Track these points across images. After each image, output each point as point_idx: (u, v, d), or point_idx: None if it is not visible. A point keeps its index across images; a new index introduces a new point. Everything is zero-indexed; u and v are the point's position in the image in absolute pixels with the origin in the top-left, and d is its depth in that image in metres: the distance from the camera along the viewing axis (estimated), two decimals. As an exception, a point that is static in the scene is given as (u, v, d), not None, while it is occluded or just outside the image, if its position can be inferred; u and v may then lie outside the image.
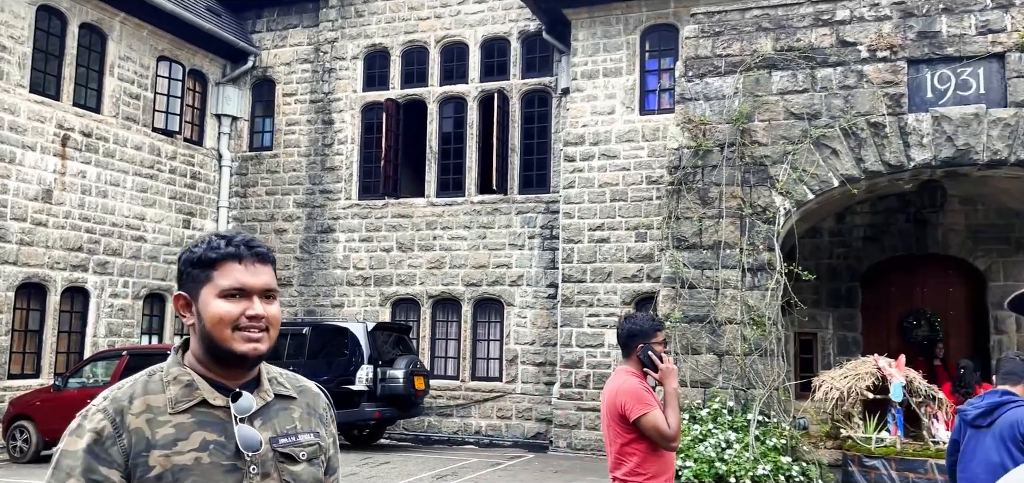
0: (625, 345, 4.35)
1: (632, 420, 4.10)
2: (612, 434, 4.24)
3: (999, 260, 13.02)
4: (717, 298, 9.40)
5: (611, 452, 4.27)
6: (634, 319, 4.43)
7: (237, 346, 1.87)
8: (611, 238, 15.21)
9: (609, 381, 4.41)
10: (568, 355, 15.35)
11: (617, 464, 4.20)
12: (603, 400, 4.37)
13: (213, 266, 1.89)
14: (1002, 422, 4.38)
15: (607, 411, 4.28)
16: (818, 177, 9.23)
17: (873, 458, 8.64)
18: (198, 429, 1.81)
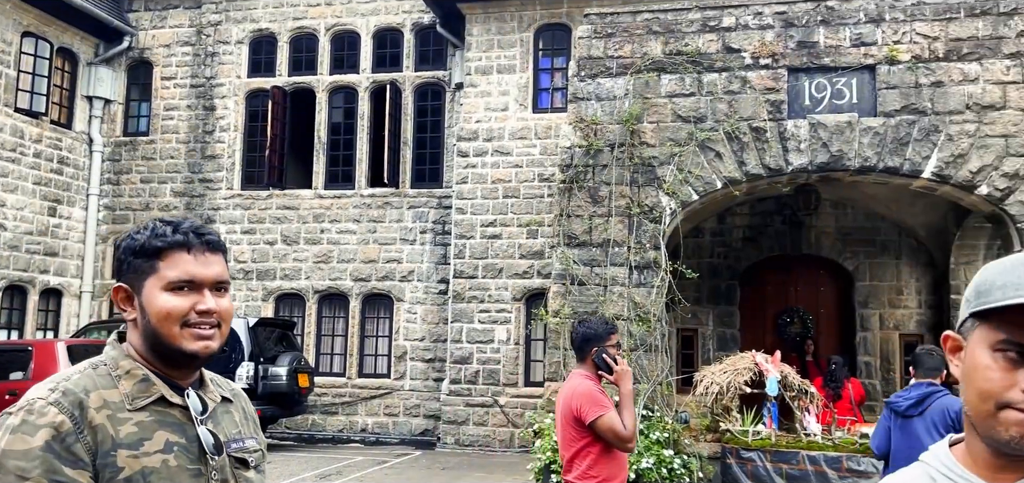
0: (579, 349, 4.38)
1: (588, 422, 4.11)
2: (567, 437, 4.24)
3: (866, 261, 13.82)
4: (605, 295, 9.55)
5: (565, 455, 4.27)
6: (588, 323, 4.45)
7: (186, 344, 1.71)
8: (503, 235, 15.23)
9: (564, 384, 4.43)
10: (458, 351, 15.28)
11: (571, 466, 4.21)
12: (558, 403, 4.39)
13: (158, 256, 1.73)
14: (933, 409, 5.00)
15: (562, 414, 4.29)
16: (703, 179, 9.51)
17: (750, 450, 8.97)
18: (160, 428, 1.67)
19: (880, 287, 13.76)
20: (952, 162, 8.80)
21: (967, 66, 8.77)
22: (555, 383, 9.61)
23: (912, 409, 5.13)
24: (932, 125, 8.87)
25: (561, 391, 4.41)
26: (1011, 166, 8.64)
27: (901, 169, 8.95)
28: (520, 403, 14.68)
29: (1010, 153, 8.65)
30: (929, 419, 5.01)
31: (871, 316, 13.79)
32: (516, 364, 15.03)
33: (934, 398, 5.08)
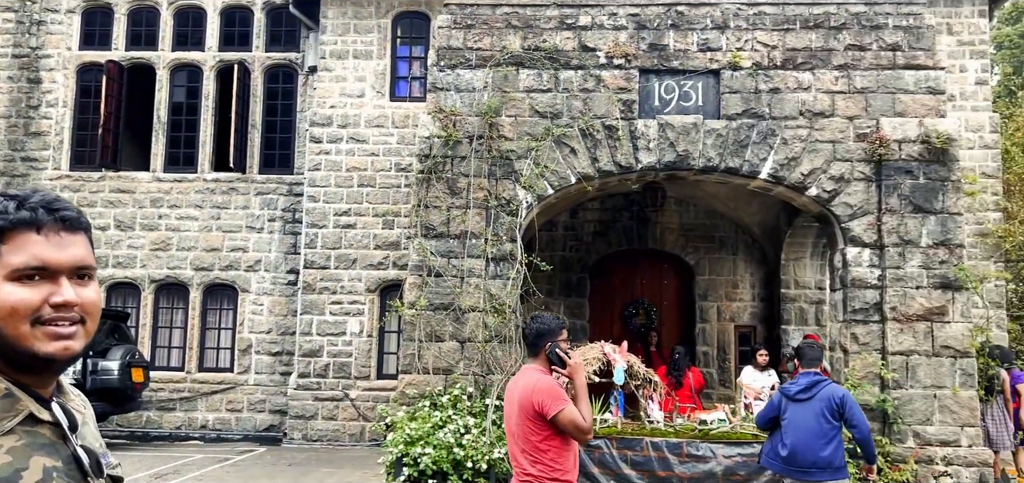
0: (533, 344, 4.41)
1: (550, 416, 4.13)
2: (525, 431, 4.22)
3: (706, 256, 14.58)
4: (462, 286, 9.54)
5: (523, 449, 4.24)
6: (542, 319, 4.47)
7: (40, 346, 1.42)
8: (358, 224, 14.92)
9: (519, 380, 4.38)
10: (307, 344, 14.83)
11: (534, 460, 4.19)
12: (513, 398, 4.36)
13: (0, 238, 1.43)
14: (821, 395, 6.13)
15: (520, 409, 4.26)
16: (558, 173, 9.69)
17: (597, 438, 9.24)
18: (34, 453, 1.38)
19: (718, 281, 14.56)
20: (786, 164, 9.42)
21: (801, 75, 9.41)
22: (410, 375, 9.52)
23: (801, 394, 6.20)
24: (769, 129, 9.46)
25: (517, 386, 4.37)
26: (837, 170, 9.35)
27: (741, 170, 9.49)
28: (372, 396, 14.45)
29: (837, 158, 9.37)
30: (817, 403, 6.11)
31: (709, 308, 14.57)
32: (369, 357, 14.77)
33: (822, 386, 6.17)
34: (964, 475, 8.82)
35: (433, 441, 8.62)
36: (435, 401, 9.29)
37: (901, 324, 9.07)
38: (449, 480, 8.55)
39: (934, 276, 9.10)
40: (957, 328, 9.04)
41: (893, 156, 9.25)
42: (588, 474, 9.20)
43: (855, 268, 9.29)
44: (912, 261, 9.13)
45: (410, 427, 8.83)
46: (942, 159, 9.20)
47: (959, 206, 9.20)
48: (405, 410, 9.27)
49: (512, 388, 4.45)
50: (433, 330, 9.52)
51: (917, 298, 9.08)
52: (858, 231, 9.32)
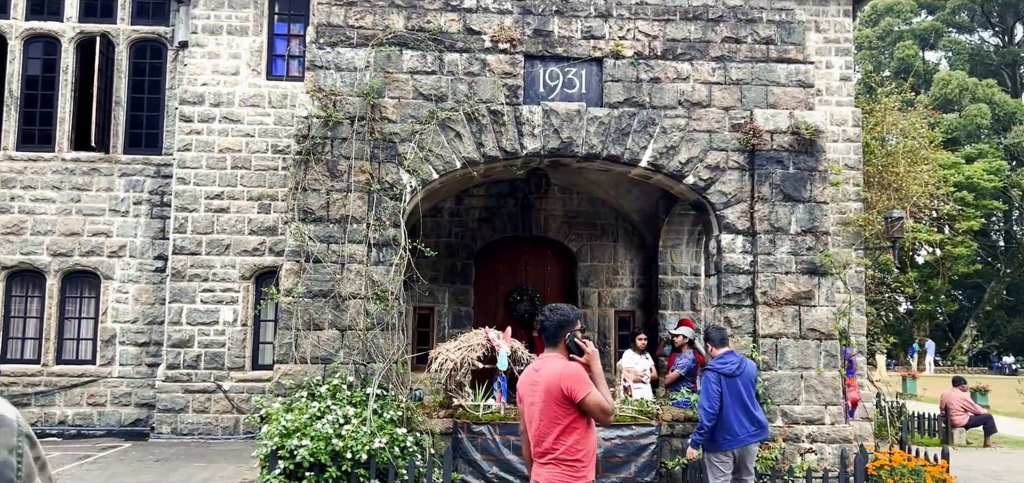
0: (554, 334, 4.60)
1: (578, 400, 4.38)
2: (551, 415, 4.44)
3: (587, 243, 14.78)
4: (342, 273, 9.25)
5: (547, 434, 4.45)
6: (560, 309, 4.70)
7: None
8: (231, 208, 14.26)
9: (541, 368, 4.55)
10: (177, 334, 14.08)
11: (557, 444, 4.43)
12: (537, 385, 4.53)
13: None
14: (746, 372, 7.40)
15: (547, 394, 4.45)
16: (443, 158, 9.53)
17: (480, 424, 9.18)
18: None
19: (599, 267, 14.79)
20: (665, 153, 9.61)
21: (681, 65, 9.62)
22: (286, 365, 9.16)
23: (737, 371, 7.28)
24: (649, 118, 9.62)
25: (535, 375, 4.58)
26: (713, 159, 9.63)
27: (622, 157, 9.61)
28: (247, 388, 13.88)
29: (713, 147, 9.64)
30: (744, 378, 7.31)
31: (591, 294, 14.79)
32: (243, 347, 14.18)
33: (744, 363, 7.46)
34: (827, 451, 9.29)
35: (310, 432, 8.32)
36: (313, 391, 8.97)
37: (771, 308, 9.44)
38: (327, 472, 8.28)
39: (802, 262, 9.52)
40: (822, 311, 9.49)
41: (765, 146, 9.60)
42: (471, 461, 9.14)
43: (729, 254, 9.60)
44: (782, 247, 9.52)
45: (286, 418, 8.49)
46: (810, 150, 9.62)
47: (825, 195, 9.66)
48: (281, 401, 8.92)
49: (533, 376, 4.62)
50: (311, 318, 9.19)
51: (786, 283, 9.47)
52: (732, 218, 9.63)
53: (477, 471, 9.15)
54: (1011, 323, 45.84)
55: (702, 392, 7.32)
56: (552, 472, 4.47)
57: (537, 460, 4.56)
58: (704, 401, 7.19)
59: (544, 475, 4.51)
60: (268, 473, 8.31)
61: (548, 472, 4.49)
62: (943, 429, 15.58)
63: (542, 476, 4.52)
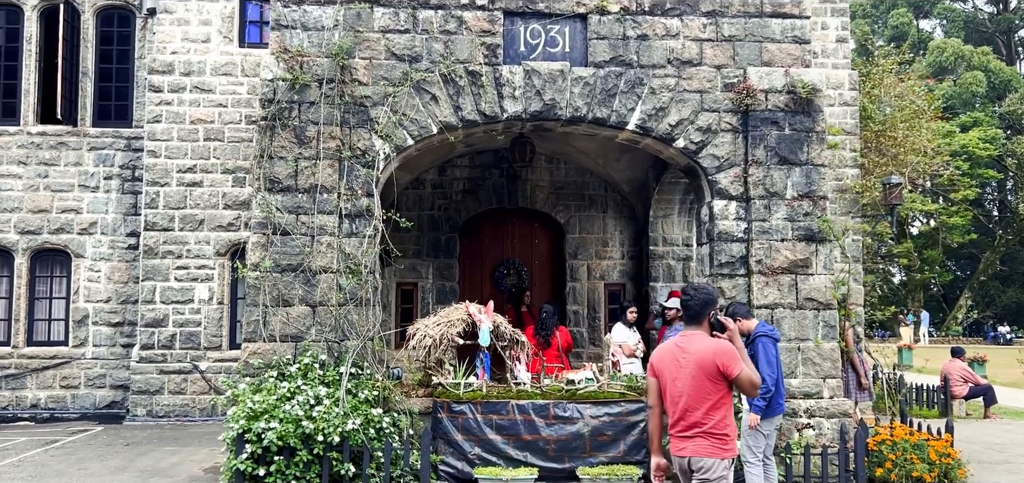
0: (699, 313, 4.84)
1: (734, 376, 4.68)
2: (702, 390, 4.69)
3: (576, 214, 14.28)
4: (312, 245, 8.73)
5: (696, 408, 4.70)
6: (705, 289, 4.95)
7: None
8: (205, 182, 13.70)
9: (689, 345, 4.77)
10: (151, 313, 13.56)
11: (707, 418, 4.69)
12: (687, 362, 4.74)
13: None
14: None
15: (700, 370, 4.70)
16: (418, 122, 8.99)
17: (461, 403, 8.72)
18: None
19: (588, 239, 14.30)
20: (654, 115, 9.09)
21: (669, 21, 9.07)
22: (255, 344, 8.66)
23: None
24: (637, 78, 9.09)
25: (682, 352, 4.77)
26: (705, 120, 9.10)
27: (608, 120, 9.09)
28: (225, 367, 13.39)
29: (704, 108, 9.12)
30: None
31: (580, 267, 14.30)
32: (220, 325, 13.67)
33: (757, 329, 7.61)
34: (825, 426, 8.85)
35: (279, 414, 7.83)
36: (283, 371, 8.48)
37: (767, 277, 8.97)
38: (297, 456, 7.81)
39: (799, 228, 9.04)
40: (820, 280, 9.02)
41: (760, 106, 9.09)
42: (451, 441, 8.68)
43: (722, 221, 9.11)
44: (777, 213, 9.03)
45: (253, 400, 8.00)
46: (807, 110, 9.10)
47: (823, 157, 9.16)
48: (249, 382, 8.42)
49: (676, 352, 4.81)
50: (280, 294, 8.68)
51: (782, 251, 8.99)
52: (725, 183, 9.13)
53: (458, 452, 8.69)
54: (1006, 293, 45.58)
55: (762, 358, 7.29)
56: (700, 444, 4.71)
57: (679, 433, 4.78)
58: (765, 367, 7.20)
59: (690, 448, 4.73)
60: (234, 458, 7.84)
61: (696, 445, 4.71)
62: (942, 401, 15.20)
63: (688, 449, 4.74)
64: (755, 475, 7.46)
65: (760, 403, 7.32)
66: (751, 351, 7.48)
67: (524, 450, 8.70)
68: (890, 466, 8.85)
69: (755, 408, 7.32)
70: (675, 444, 4.81)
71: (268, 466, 7.80)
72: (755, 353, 7.40)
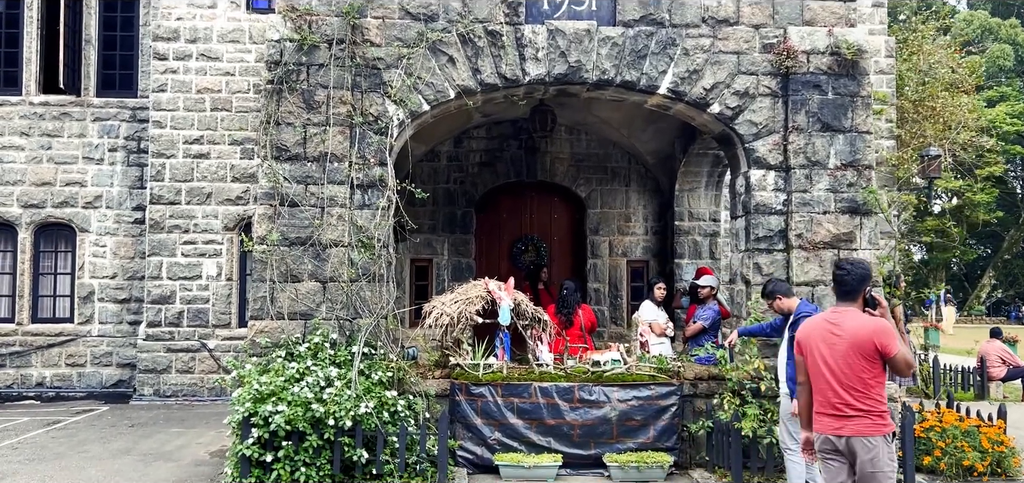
0: (855, 289, 4.78)
1: (892, 355, 4.61)
2: (858, 369, 4.64)
3: (597, 188, 13.68)
4: (322, 218, 8.20)
5: (851, 387, 4.65)
6: (861, 264, 4.88)
7: None
8: (212, 153, 13.20)
9: (844, 321, 4.71)
10: (157, 289, 13.12)
11: (864, 398, 4.64)
12: (841, 339, 4.68)
13: None
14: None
15: (855, 348, 4.64)
16: (434, 86, 8.42)
17: (480, 385, 8.20)
18: None
19: (610, 214, 13.71)
20: (687, 78, 8.48)
21: (705, -25, 8.44)
22: (261, 321, 8.17)
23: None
24: (669, 38, 8.47)
25: (835, 328, 4.71)
26: (742, 84, 8.48)
27: (638, 84, 8.48)
28: (234, 346, 12.94)
29: (741, 71, 8.49)
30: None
31: (601, 243, 13.73)
32: (229, 302, 13.22)
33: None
34: (868, 411, 8.27)
35: (287, 397, 7.34)
36: (292, 351, 7.98)
37: (807, 252, 8.37)
38: (307, 440, 7.32)
39: (842, 200, 8.43)
40: (865, 255, 8.41)
41: (801, 69, 8.45)
42: (470, 426, 8.18)
43: (759, 192, 8.50)
44: (819, 184, 8.42)
45: (260, 381, 7.51)
46: (852, 72, 8.46)
47: (868, 124, 8.53)
48: (255, 362, 7.93)
49: (828, 328, 4.75)
50: (289, 269, 8.17)
51: (824, 224, 8.39)
52: (763, 152, 8.51)
53: (477, 437, 8.18)
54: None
55: None
56: (861, 424, 4.64)
57: (833, 413, 4.71)
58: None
59: (850, 427, 4.65)
60: (240, 442, 7.36)
61: (855, 425, 4.64)
62: (978, 383, 14.58)
63: (845, 429, 4.66)
64: (796, 463, 6.95)
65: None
66: (791, 332, 6.94)
67: (547, 435, 8.19)
68: (939, 454, 8.28)
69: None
70: (826, 422, 4.76)
71: (276, 452, 7.32)
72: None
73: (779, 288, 7.23)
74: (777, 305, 7.25)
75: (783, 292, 7.21)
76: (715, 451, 8.19)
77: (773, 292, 7.24)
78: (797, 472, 6.95)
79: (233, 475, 7.44)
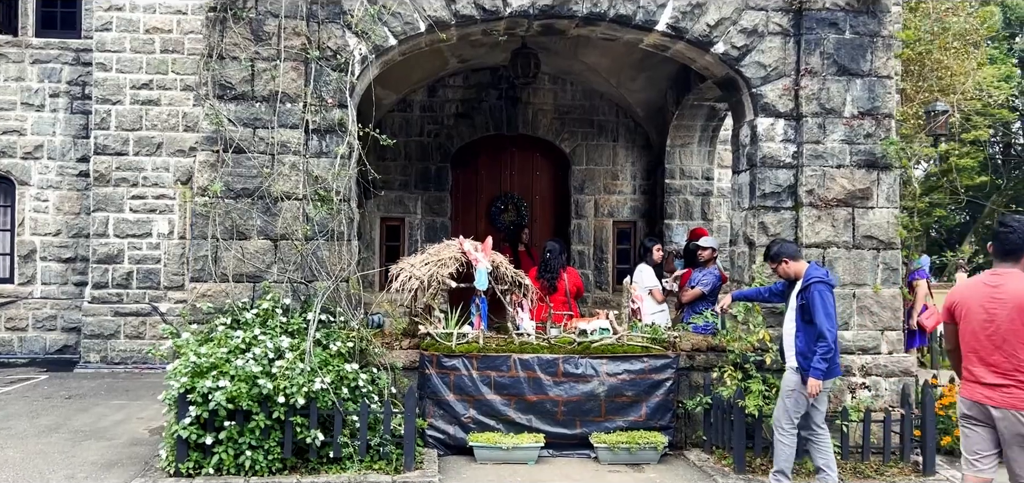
0: (1018, 248, 4.55)
1: None
2: (1021, 336, 4.41)
3: (583, 143, 12.73)
4: (273, 166, 7.19)
5: (1014, 354, 4.43)
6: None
7: None
8: (162, 100, 12.08)
9: (1004, 283, 4.51)
10: (103, 248, 12.05)
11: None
12: (1000, 302, 4.47)
13: None
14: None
15: (1019, 312, 4.41)
16: (402, 17, 7.39)
17: (453, 357, 7.29)
18: None
19: (596, 171, 12.79)
20: (689, 12, 7.50)
21: None
22: (204, 284, 7.18)
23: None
24: (669, -34, 7.48)
25: (999, 290, 4.50)
26: (749, 20, 7.52)
27: (634, 18, 7.50)
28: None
29: (749, 6, 7.53)
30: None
31: (586, 202, 12.82)
32: (182, 262, 12.18)
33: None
34: (883, 386, 7.47)
35: (231, 370, 6.38)
36: (238, 317, 7.01)
37: (819, 210, 7.49)
38: (254, 420, 6.38)
39: (858, 152, 7.53)
40: (882, 214, 7.55)
41: (816, 4, 7.51)
42: (441, 402, 7.28)
43: (767, 143, 7.59)
44: (834, 134, 7.52)
45: (199, 353, 6.54)
46: (872, 9, 7.53)
47: (889, 68, 7.62)
48: (195, 330, 6.96)
49: (987, 291, 4.55)
50: (235, 224, 7.17)
51: (838, 179, 7.50)
52: (772, 98, 7.59)
53: (449, 415, 7.28)
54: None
55: (819, 309, 5.95)
56: (1018, 396, 4.41)
57: (985, 380, 4.52)
58: (824, 320, 5.93)
59: (1005, 400, 4.43)
60: (176, 423, 6.41)
61: (1012, 396, 4.41)
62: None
63: (996, 399, 4.46)
64: (788, 444, 6.20)
65: (822, 364, 5.93)
66: (802, 300, 6.10)
67: (528, 413, 7.31)
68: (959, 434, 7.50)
69: (815, 372, 5.94)
70: (979, 390, 4.55)
71: (217, 433, 6.38)
72: (810, 303, 6.02)
73: (785, 250, 6.38)
74: (783, 269, 6.40)
75: (790, 254, 6.36)
76: (714, 430, 7.36)
77: (779, 254, 6.39)
78: (786, 454, 6.19)
79: (168, 459, 6.50)
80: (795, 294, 6.26)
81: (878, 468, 7.04)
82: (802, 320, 6.12)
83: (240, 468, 6.42)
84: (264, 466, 6.45)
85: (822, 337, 5.93)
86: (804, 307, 6.09)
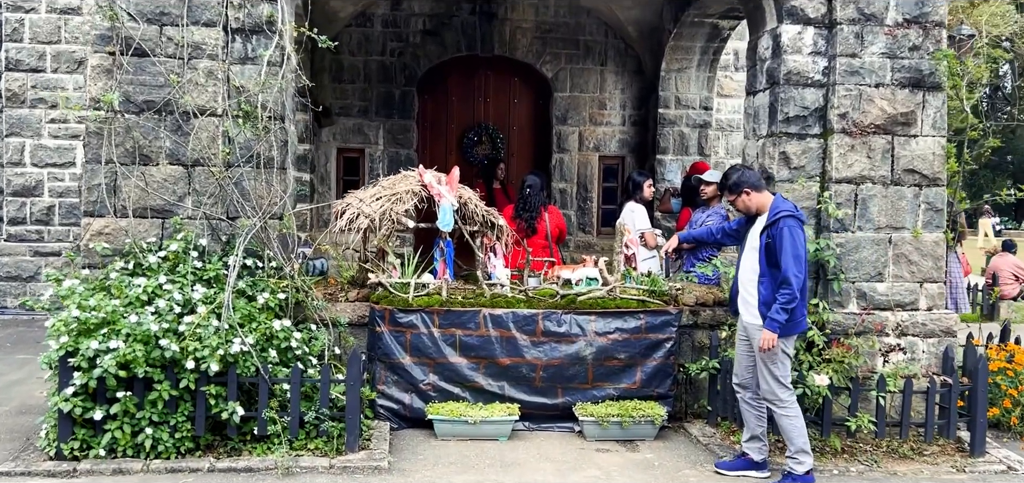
0: None
1: None
2: None
3: (566, 66, 11.34)
4: (184, 73, 5.77)
5: None
6: None
7: None
8: (84, 8, 10.50)
9: None
10: (19, 179, 10.57)
11: None
12: None
13: None
14: None
15: None
16: None
17: (410, 311, 6.00)
18: None
19: (581, 99, 11.42)
20: None
21: None
22: (100, 220, 5.81)
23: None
24: None
25: None
26: (777, -99, 6.16)
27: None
28: (119, 249, 10.53)
29: None
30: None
31: (570, 134, 11.48)
32: (111, 196, 10.72)
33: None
34: (920, 348, 6.30)
35: (125, 328, 5.05)
36: (140, 261, 5.66)
37: (852, 138, 6.22)
38: (156, 390, 5.07)
39: (901, 69, 6.25)
40: (926, 144, 6.30)
41: None
42: (395, 366, 6.01)
43: (792, 56, 6.27)
44: (872, 46, 6.21)
45: (87, 305, 5.20)
46: None
47: (941, -35, 6.30)
48: (86, 277, 5.61)
49: None
50: (137, 146, 5.77)
51: (876, 100, 6.22)
52: (800, 2, 6.25)
53: (404, 381, 6.02)
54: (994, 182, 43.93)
55: (787, 248, 4.92)
56: None
57: None
58: (792, 263, 4.92)
59: None
60: (58, 392, 5.09)
61: None
62: (988, 302, 12.89)
63: None
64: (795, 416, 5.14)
65: (782, 316, 4.91)
66: (768, 238, 5.02)
67: (500, 378, 6.07)
68: (1009, 405, 6.39)
69: (772, 324, 4.92)
70: None
71: (109, 406, 5.07)
72: (777, 240, 4.97)
73: (747, 178, 5.26)
74: (742, 202, 5.27)
75: (752, 184, 5.25)
76: (721, 399, 6.19)
77: (739, 183, 5.25)
78: (798, 427, 5.15)
79: (49, 438, 5.19)
80: (758, 232, 5.13)
81: (917, 446, 5.91)
82: (767, 264, 5.06)
83: (139, 449, 5.13)
84: (170, 446, 5.17)
85: (787, 282, 4.90)
86: (770, 247, 5.02)
